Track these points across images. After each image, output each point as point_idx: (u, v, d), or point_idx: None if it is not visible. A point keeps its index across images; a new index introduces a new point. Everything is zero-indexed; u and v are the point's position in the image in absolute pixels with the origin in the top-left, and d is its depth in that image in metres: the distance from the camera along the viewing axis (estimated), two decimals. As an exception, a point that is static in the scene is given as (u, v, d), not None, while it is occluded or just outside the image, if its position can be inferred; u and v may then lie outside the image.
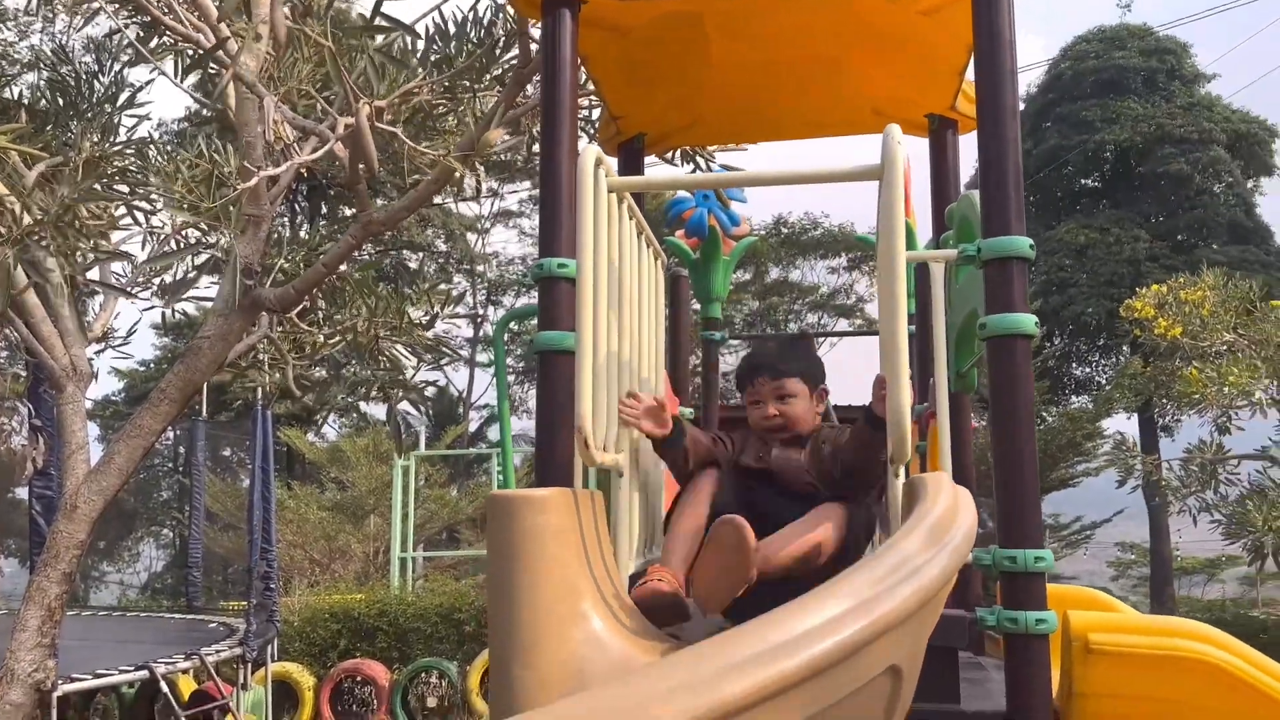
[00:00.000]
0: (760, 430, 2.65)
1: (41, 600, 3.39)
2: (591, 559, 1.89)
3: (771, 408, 2.60)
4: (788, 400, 2.60)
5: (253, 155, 3.26)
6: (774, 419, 2.59)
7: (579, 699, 1.12)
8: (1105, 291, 20.31)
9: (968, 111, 3.59)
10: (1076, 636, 2.46)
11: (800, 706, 1.20)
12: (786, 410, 2.60)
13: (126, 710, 7.91)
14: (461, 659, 8.90)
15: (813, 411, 2.64)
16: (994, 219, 2.48)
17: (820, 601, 1.29)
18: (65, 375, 3.61)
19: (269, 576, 6.97)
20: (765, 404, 2.62)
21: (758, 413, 2.64)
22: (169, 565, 25.28)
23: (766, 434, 2.63)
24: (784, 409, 2.60)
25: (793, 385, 2.61)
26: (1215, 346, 9.41)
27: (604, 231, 2.20)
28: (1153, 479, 10.89)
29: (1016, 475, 2.40)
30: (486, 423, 27.83)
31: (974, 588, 3.45)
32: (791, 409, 2.60)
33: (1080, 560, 19.22)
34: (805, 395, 2.62)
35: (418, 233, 22.38)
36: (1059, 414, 17.08)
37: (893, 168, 1.94)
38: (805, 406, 2.62)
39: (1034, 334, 2.45)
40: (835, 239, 24.52)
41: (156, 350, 23.95)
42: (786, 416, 2.60)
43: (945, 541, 1.50)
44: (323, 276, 3.55)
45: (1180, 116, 21.70)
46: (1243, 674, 2.43)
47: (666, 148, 4.21)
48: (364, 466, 14.91)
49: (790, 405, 2.60)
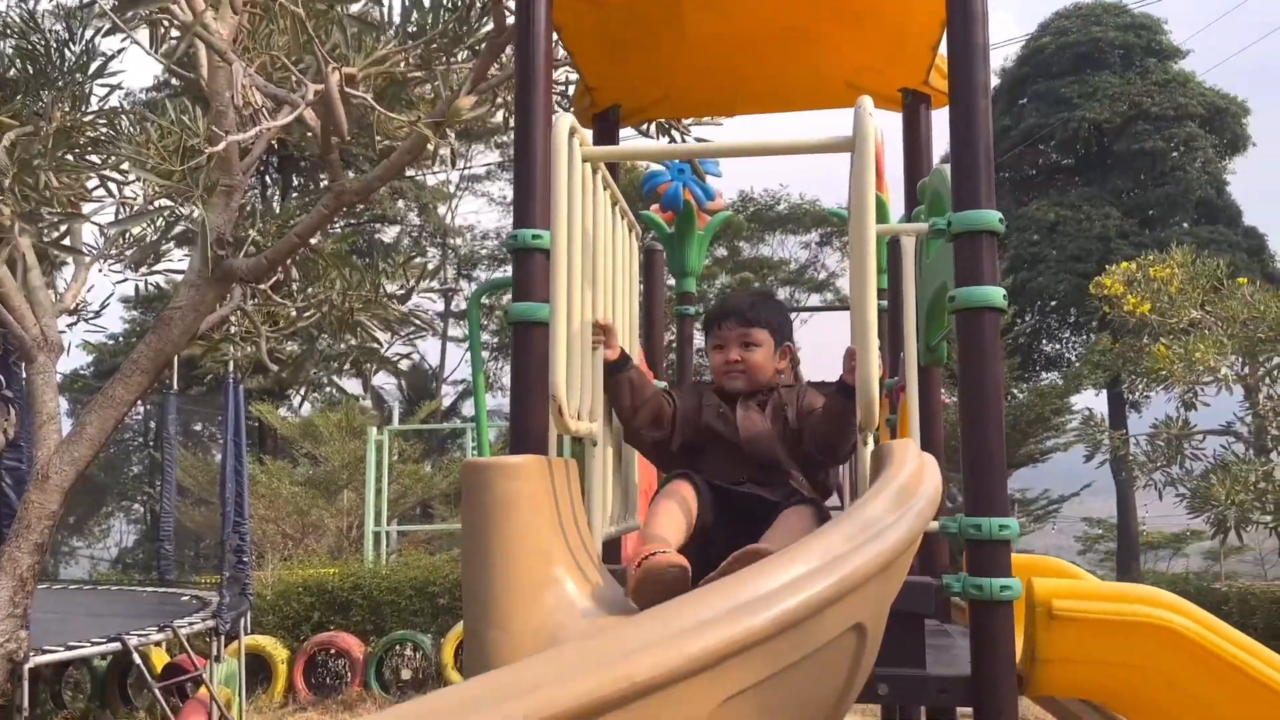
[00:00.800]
0: (719, 375, 2.66)
1: (13, 571, 3.38)
2: (565, 525, 1.91)
3: (734, 352, 2.62)
4: (751, 348, 2.63)
5: (224, 123, 3.23)
6: (735, 364, 2.61)
7: (552, 653, 1.14)
8: (1073, 267, 20.53)
9: (941, 86, 3.61)
10: (1040, 603, 2.51)
11: (767, 662, 1.23)
12: (748, 357, 2.62)
13: (99, 683, 7.90)
14: (436, 632, 8.93)
15: (773, 365, 2.65)
16: (964, 193, 2.51)
17: (787, 561, 1.32)
18: (36, 345, 3.58)
19: (241, 549, 6.95)
20: (728, 348, 2.63)
21: (719, 357, 2.65)
22: (140, 540, 25.13)
23: (725, 379, 2.63)
24: (746, 356, 2.62)
25: (758, 334, 2.63)
26: (1182, 323, 9.56)
27: (579, 201, 2.21)
28: (1120, 454, 11.07)
29: (983, 445, 2.44)
30: (460, 398, 27.80)
31: (941, 556, 3.51)
32: (753, 357, 2.62)
33: (1048, 535, 19.50)
34: (769, 346, 2.64)
35: (390, 206, 22.24)
36: (1029, 390, 17.29)
37: (864, 139, 1.96)
38: (766, 357, 2.63)
39: (1002, 307, 2.48)
40: (803, 213, 24.64)
41: (126, 324, 23.71)
42: (747, 363, 2.61)
43: (911, 504, 1.54)
44: (296, 247, 3.54)
45: (1156, 93, 21.88)
46: (1203, 640, 2.50)
47: (641, 120, 4.21)
48: (337, 441, 14.87)
49: (752, 353, 2.62)
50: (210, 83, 3.21)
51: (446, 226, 25.81)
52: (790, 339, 2.73)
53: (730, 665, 1.18)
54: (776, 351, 2.67)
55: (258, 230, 4.35)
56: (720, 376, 2.66)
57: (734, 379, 2.62)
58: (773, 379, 2.65)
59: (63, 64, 3.81)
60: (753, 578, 1.28)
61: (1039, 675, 2.53)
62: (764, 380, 2.63)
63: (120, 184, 3.94)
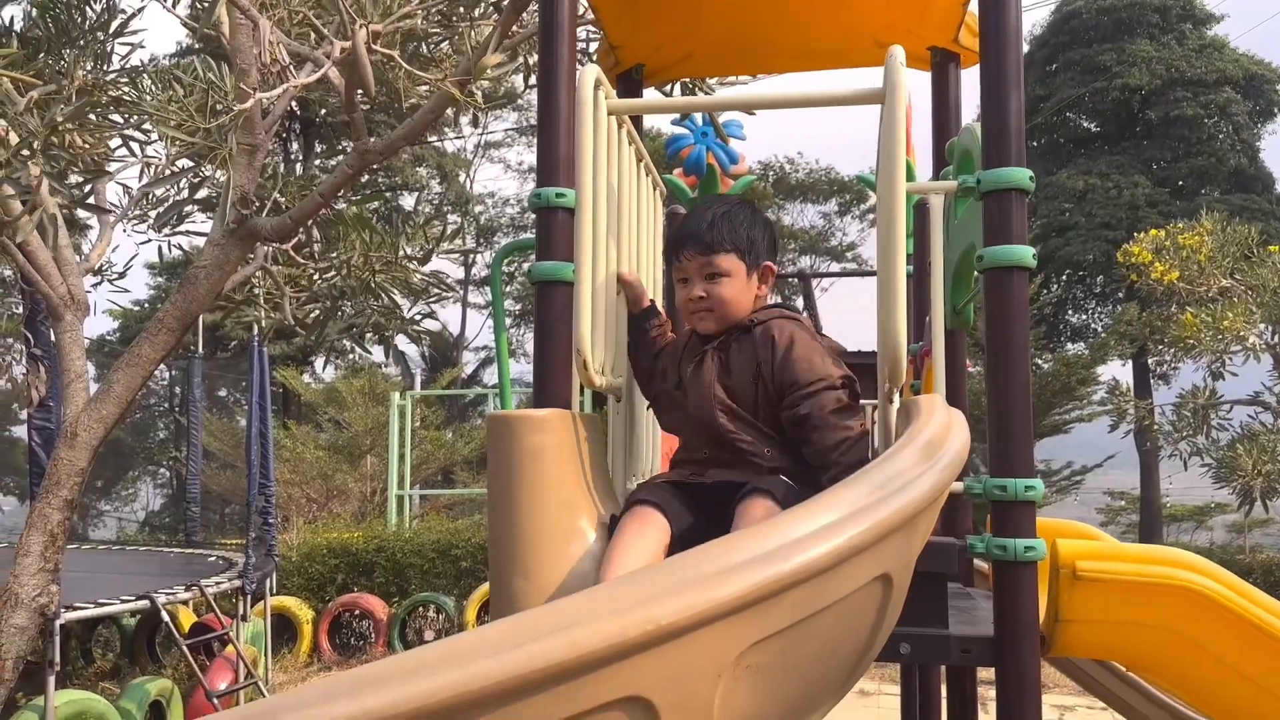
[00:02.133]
0: (686, 317, 2.24)
1: (44, 526, 3.43)
2: (589, 478, 1.92)
3: (697, 287, 2.17)
4: (717, 280, 2.16)
5: (247, 81, 3.22)
6: (699, 302, 2.17)
7: (579, 596, 1.14)
8: (1102, 235, 20.30)
9: (971, 45, 3.55)
10: (1064, 564, 2.50)
11: (793, 609, 1.23)
12: (715, 291, 2.16)
13: (128, 641, 8.04)
14: (459, 594, 9.02)
15: (750, 295, 2.19)
16: (994, 150, 2.47)
17: (814, 510, 1.31)
18: (63, 304, 3.61)
19: (267, 511, 7.03)
20: (692, 283, 2.19)
21: (683, 294, 2.23)
22: (166, 503, 25.52)
23: (693, 321, 2.22)
24: (712, 290, 2.16)
25: (724, 261, 2.16)
26: (1211, 292, 9.43)
27: (603, 154, 2.19)
28: (1145, 424, 10.99)
29: (1008, 406, 2.42)
30: (482, 366, 27.93)
31: (964, 518, 3.49)
32: (720, 291, 2.15)
33: (1070, 507, 19.44)
34: (740, 274, 2.17)
35: (410, 173, 22.25)
36: (1054, 360, 17.16)
37: (895, 90, 1.93)
38: (739, 289, 2.17)
39: (1031, 266, 2.45)
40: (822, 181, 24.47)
41: (151, 290, 23.93)
42: (714, 300, 2.16)
43: (938, 457, 1.52)
44: (319, 207, 3.54)
45: (1193, 58, 21.51)
46: (1228, 601, 2.48)
47: (665, 80, 4.16)
48: (360, 407, 14.97)
49: (720, 286, 2.16)
50: (232, 40, 3.20)
51: (467, 194, 25.81)
52: (771, 256, 2.25)
53: (756, 611, 1.18)
54: (752, 276, 2.20)
55: (280, 191, 4.36)
56: (687, 318, 2.24)
57: (702, 320, 2.19)
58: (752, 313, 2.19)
59: (84, 22, 3.81)
60: (780, 525, 1.27)
61: (1062, 636, 2.53)
62: (739, 317, 2.18)
63: (143, 144, 3.94)
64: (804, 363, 2.05)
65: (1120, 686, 3.82)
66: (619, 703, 1.11)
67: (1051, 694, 6.07)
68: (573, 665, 1.06)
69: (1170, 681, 3.00)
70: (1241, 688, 2.51)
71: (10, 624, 3.40)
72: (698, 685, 1.16)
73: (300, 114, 17.42)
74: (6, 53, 3.32)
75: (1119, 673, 3.79)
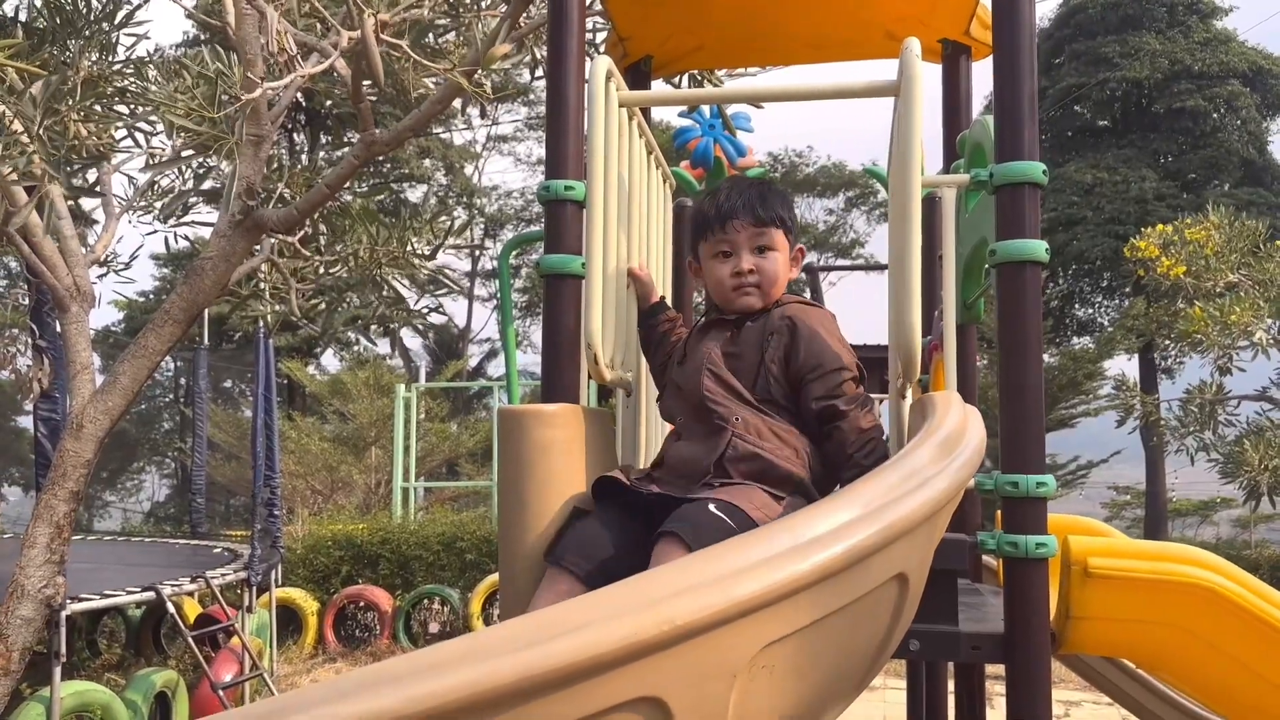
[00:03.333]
0: (727, 294, 2.08)
1: (50, 518, 3.42)
2: (598, 471, 1.90)
3: (747, 259, 2.03)
4: (768, 254, 2.04)
5: (253, 72, 3.20)
6: (748, 276, 2.03)
7: (596, 594, 1.13)
8: (1110, 229, 20.24)
9: (982, 38, 3.52)
10: (1076, 560, 2.48)
11: (810, 608, 1.21)
12: (765, 266, 2.04)
13: (133, 632, 8.05)
14: (464, 586, 9.03)
15: (788, 276, 2.10)
16: (1007, 143, 2.44)
17: (831, 508, 1.30)
18: (69, 295, 3.60)
19: (272, 503, 7.03)
20: (739, 255, 2.05)
21: (725, 269, 2.06)
22: (172, 494, 25.58)
23: (736, 298, 2.06)
24: (762, 264, 2.04)
25: (775, 235, 2.05)
26: (1219, 286, 9.39)
27: (614, 147, 2.17)
28: (1152, 419, 10.95)
29: (1020, 401, 2.40)
30: (486, 358, 27.94)
31: (974, 514, 3.48)
32: (771, 266, 2.04)
33: (1075, 501, 19.42)
34: (786, 252, 2.09)
35: (416, 165, 22.22)
36: (1060, 354, 17.13)
37: (911, 83, 1.90)
38: (784, 266, 2.07)
39: (1044, 260, 2.43)
40: (832, 176, 24.44)
41: (156, 281, 23.96)
42: (763, 274, 2.03)
43: (955, 455, 1.51)
44: (326, 198, 3.52)
45: (1198, 51, 21.41)
46: (1240, 599, 2.46)
47: (674, 72, 4.14)
48: (365, 399, 14.98)
49: (770, 261, 2.04)
50: (237, 30, 3.18)
51: (473, 186, 25.79)
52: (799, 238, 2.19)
53: (774, 610, 1.17)
54: (789, 255, 2.11)
55: (285, 183, 4.35)
56: (728, 295, 2.07)
57: (748, 295, 2.04)
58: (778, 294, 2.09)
59: (88, 12, 3.80)
60: (797, 524, 1.25)
61: (1073, 633, 2.51)
62: (776, 295, 2.07)
63: (148, 134, 3.93)
64: (830, 350, 1.95)
65: (1128, 683, 3.81)
66: (634, 703, 1.10)
67: (1057, 689, 6.06)
68: (587, 665, 1.05)
69: (1182, 679, 2.99)
70: (1255, 686, 2.50)
71: (16, 615, 3.40)
72: (713, 686, 1.14)
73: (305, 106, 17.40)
74: (11, 43, 3.30)
75: (1127, 669, 3.78)
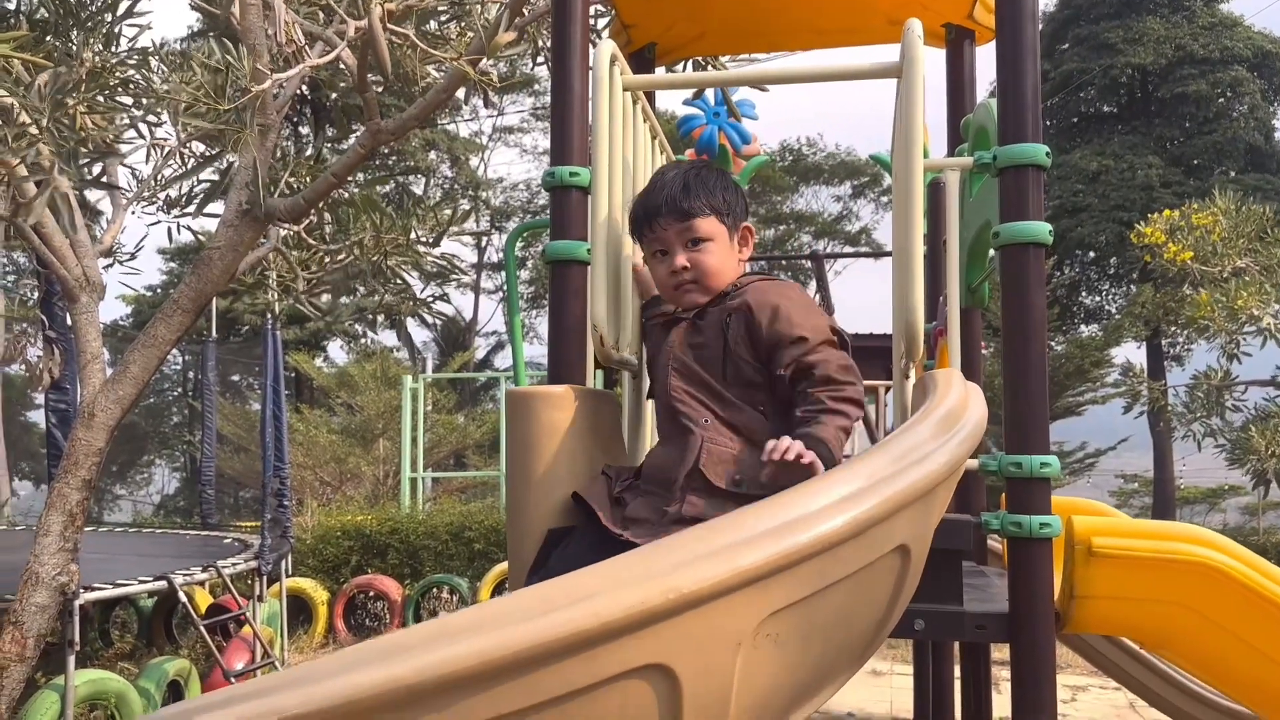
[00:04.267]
0: (667, 292, 2.04)
1: (63, 506, 3.46)
2: (604, 452, 1.93)
3: (680, 257, 1.96)
4: (701, 246, 1.96)
5: (260, 63, 3.22)
6: (683, 273, 1.96)
7: (602, 566, 1.15)
8: (1116, 216, 20.18)
9: (985, 22, 3.52)
10: (1080, 540, 2.50)
11: (812, 578, 1.23)
12: (700, 260, 1.95)
13: (145, 622, 8.11)
14: (472, 575, 9.07)
15: (734, 259, 2.01)
16: (1010, 126, 2.46)
17: (832, 481, 1.32)
18: (78, 286, 3.63)
19: (282, 493, 7.07)
20: (672, 254, 1.98)
21: (663, 269, 2.00)
22: (181, 487, 25.70)
23: (677, 296, 2.02)
24: (696, 258, 1.96)
25: (705, 225, 1.96)
26: (1225, 272, 9.37)
27: (619, 131, 2.19)
28: (1159, 406, 10.94)
29: (1024, 382, 2.42)
30: (493, 351, 28.00)
31: (979, 496, 3.49)
32: (706, 260, 1.95)
33: (1083, 489, 19.40)
34: (724, 238, 1.99)
35: (422, 157, 22.24)
36: (1068, 342, 17.10)
37: (913, 64, 1.92)
38: (724, 254, 1.98)
39: (1048, 243, 2.44)
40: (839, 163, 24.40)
41: (164, 274, 24.04)
42: (699, 269, 1.96)
43: (954, 431, 1.52)
44: (332, 187, 3.54)
45: (1202, 36, 21.29)
46: (1245, 577, 2.48)
47: (677, 59, 4.15)
48: (372, 391, 15.03)
49: (704, 253, 1.96)
50: (243, 19, 3.20)
51: (479, 179, 25.81)
52: (746, 216, 2.07)
53: (776, 580, 1.19)
54: (734, 240, 2.01)
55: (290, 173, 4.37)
56: (672, 294, 2.03)
57: (689, 293, 1.98)
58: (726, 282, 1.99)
59: (91, 3, 3.82)
60: (799, 497, 1.27)
61: (1077, 612, 2.53)
62: (721, 285, 1.97)
63: (152, 125, 3.95)
64: (799, 318, 1.85)
65: (1133, 665, 3.83)
66: (641, 670, 1.12)
67: (1065, 674, 6.07)
68: (595, 633, 1.07)
69: (1185, 657, 3.01)
70: (1257, 664, 2.51)
71: (31, 602, 3.44)
72: (718, 653, 1.17)
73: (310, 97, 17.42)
74: (17, 35, 3.32)
75: (1131, 650, 3.80)
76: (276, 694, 1.08)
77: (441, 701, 1.05)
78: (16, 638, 3.38)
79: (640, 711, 1.13)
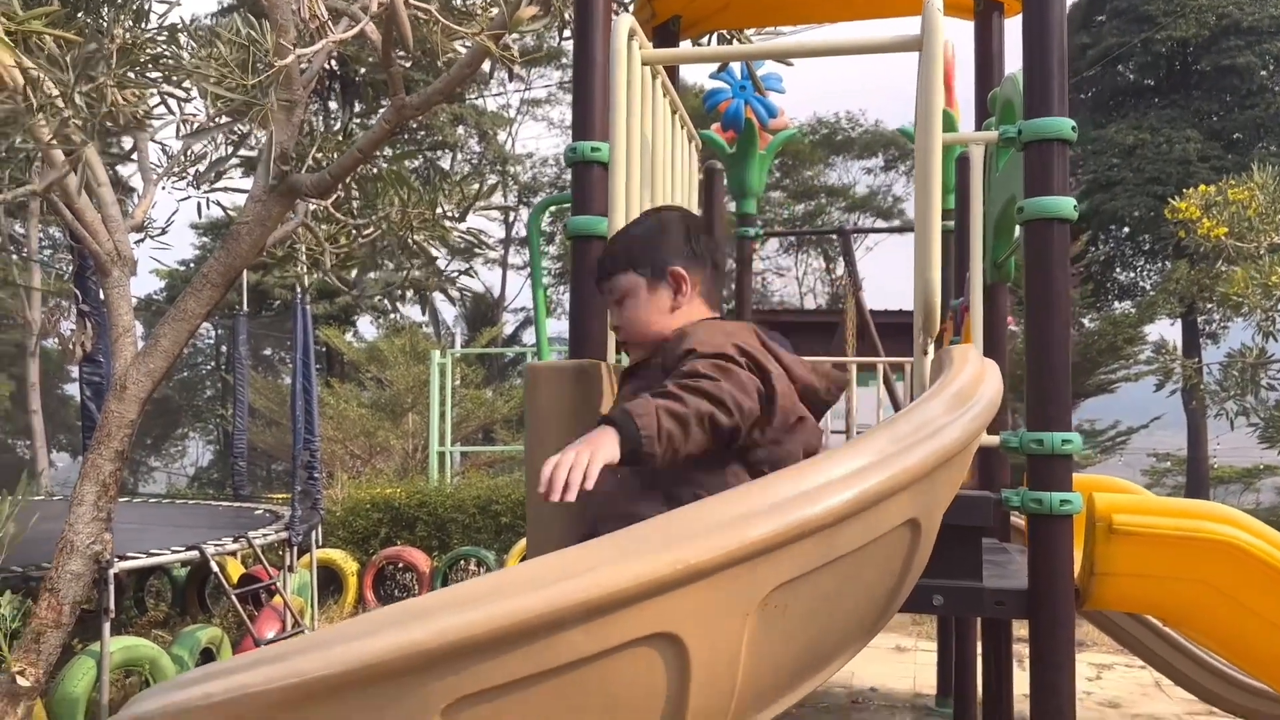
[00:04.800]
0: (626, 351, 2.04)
1: (96, 476, 3.53)
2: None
3: (612, 317, 1.97)
4: (623, 304, 1.91)
5: (285, 38, 3.24)
6: (618, 332, 1.97)
7: (613, 536, 1.17)
8: (1151, 190, 19.83)
9: (1014, -8, 3.48)
10: (1101, 517, 2.49)
11: (821, 550, 1.25)
12: (622, 316, 1.92)
13: (178, 591, 8.27)
14: (499, 548, 9.17)
15: (662, 308, 1.89)
16: (1036, 100, 2.43)
17: (843, 455, 1.33)
18: (110, 260, 3.68)
19: (312, 465, 7.15)
20: (610, 312, 2.00)
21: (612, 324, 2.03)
22: (214, 460, 26.09)
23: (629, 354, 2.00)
24: (620, 314, 1.93)
25: (620, 282, 1.91)
26: (1262, 248, 9.20)
27: (637, 105, 2.19)
28: (1193, 383, 10.80)
29: (1047, 359, 2.41)
30: (521, 326, 28.10)
31: (1001, 472, 3.48)
32: (626, 314, 1.91)
33: (1115, 468, 19.21)
34: (640, 290, 1.89)
35: (449, 132, 22.26)
36: (1101, 318, 16.88)
37: (932, 36, 1.90)
38: (643, 305, 1.89)
39: (1072, 218, 2.42)
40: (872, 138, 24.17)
41: (196, 250, 24.30)
42: (623, 324, 1.92)
43: (968, 406, 1.52)
44: (358, 162, 3.57)
45: (1249, 5, 20.78)
46: (1266, 555, 2.46)
47: (702, 32, 4.13)
48: (401, 366, 15.15)
49: (624, 309, 1.91)
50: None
51: (506, 154, 25.81)
52: (674, 259, 1.90)
53: (783, 553, 1.20)
54: (657, 288, 1.90)
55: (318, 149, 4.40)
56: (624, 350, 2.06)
57: (630, 348, 1.97)
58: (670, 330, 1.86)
59: (124, -20, 3.85)
60: (809, 470, 1.29)
61: (1097, 589, 2.53)
62: (656, 336, 1.88)
63: (182, 101, 3.99)
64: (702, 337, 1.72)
65: (1157, 642, 3.81)
66: (651, 638, 1.14)
67: (1089, 652, 6.05)
68: (604, 601, 1.09)
69: (1206, 635, 2.99)
70: (1278, 640, 2.50)
71: (66, 570, 3.52)
72: (726, 623, 1.19)
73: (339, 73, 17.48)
74: (49, 10, 3.35)
75: (1155, 628, 3.78)
76: (298, 657, 1.12)
77: (457, 665, 1.08)
78: (53, 604, 3.46)
79: (649, 678, 1.15)
